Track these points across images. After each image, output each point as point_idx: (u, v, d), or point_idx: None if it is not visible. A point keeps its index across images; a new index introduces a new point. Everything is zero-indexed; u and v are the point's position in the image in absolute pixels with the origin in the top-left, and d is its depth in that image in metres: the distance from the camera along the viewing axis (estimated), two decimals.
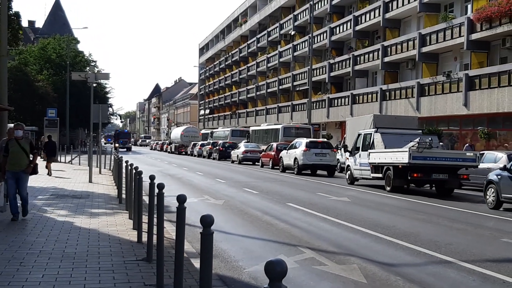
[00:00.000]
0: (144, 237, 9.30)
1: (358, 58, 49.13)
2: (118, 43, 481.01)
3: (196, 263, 8.22)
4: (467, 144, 28.23)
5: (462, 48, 36.59)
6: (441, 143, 31.10)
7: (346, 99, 50.13)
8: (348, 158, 26.53)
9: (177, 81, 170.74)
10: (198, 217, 4.81)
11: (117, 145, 77.74)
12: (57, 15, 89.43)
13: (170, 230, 10.63)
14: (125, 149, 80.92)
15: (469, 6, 37.45)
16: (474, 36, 34.69)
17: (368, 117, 31.92)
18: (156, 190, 7.21)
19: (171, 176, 27.75)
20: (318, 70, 56.58)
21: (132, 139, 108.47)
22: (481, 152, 23.62)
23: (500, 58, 34.86)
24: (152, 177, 8.42)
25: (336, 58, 53.42)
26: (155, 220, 8.48)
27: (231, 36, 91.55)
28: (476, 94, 33.99)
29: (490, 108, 32.84)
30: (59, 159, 40.68)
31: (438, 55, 40.23)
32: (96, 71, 28.39)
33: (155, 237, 8.13)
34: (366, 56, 47.83)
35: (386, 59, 44.53)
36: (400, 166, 21.31)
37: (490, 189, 17.47)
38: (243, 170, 35.92)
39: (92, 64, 67.64)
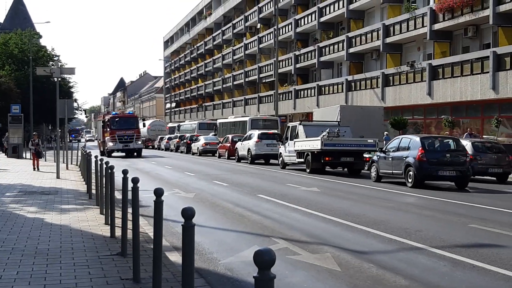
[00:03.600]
0: (117, 232, 9.28)
1: (323, 50, 49.42)
2: (81, 37, 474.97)
3: (171, 256, 8.26)
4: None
5: (425, 38, 37.10)
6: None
7: (312, 90, 50.41)
8: (280, 147, 30.80)
9: (142, 74, 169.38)
10: (169, 211, 4.86)
11: (111, 144, 43.07)
12: (18, 9, 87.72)
13: (142, 224, 10.61)
14: (124, 153, 43.97)
15: None
16: (436, 26, 35.20)
17: (335, 108, 32.26)
18: (131, 185, 7.20)
19: (139, 170, 27.60)
20: (284, 62, 56.76)
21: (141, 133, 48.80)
22: None
23: (462, 48, 35.47)
24: (125, 172, 8.41)
25: (302, 50, 53.67)
26: (128, 214, 8.49)
27: (196, 29, 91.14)
28: (439, 83, 34.53)
29: (453, 97, 33.40)
30: (24, 156, 40.17)
31: (402, 45, 40.72)
32: (60, 66, 27.82)
33: (129, 231, 8.14)
34: (331, 47, 48.13)
35: (351, 50, 44.89)
36: (315, 152, 25.75)
37: (373, 166, 22.36)
38: (208, 162, 36.26)
39: (55, 58, 66.58)
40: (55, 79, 24.11)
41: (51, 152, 41.76)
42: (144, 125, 54.66)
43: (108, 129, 43.91)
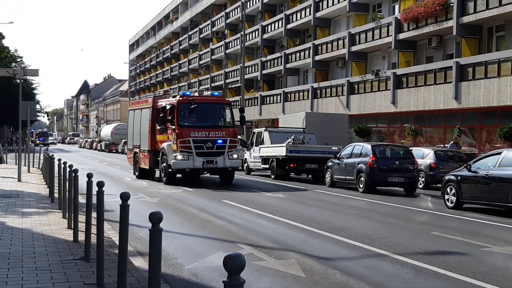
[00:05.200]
0: (80, 236, 9.16)
1: (290, 56, 49.66)
2: (44, 38, 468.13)
3: (135, 262, 8.19)
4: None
5: (390, 48, 37.57)
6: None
7: (278, 96, 50.58)
8: (245, 152, 30.20)
9: (107, 77, 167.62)
10: (134, 216, 4.83)
11: (179, 157, 22.03)
12: None
13: (106, 229, 10.47)
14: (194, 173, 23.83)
15: (397, 7, 38.49)
16: (401, 36, 35.69)
17: (300, 115, 32.42)
18: (96, 188, 7.12)
19: (103, 174, 27.30)
20: (250, 68, 56.85)
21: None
22: (410, 148, 24.41)
23: (426, 57, 35.99)
24: (89, 175, 8.29)
25: (268, 56, 53.84)
26: (92, 219, 8.38)
27: (162, 33, 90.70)
28: (403, 92, 34.99)
29: (416, 106, 33.87)
30: None
31: (367, 54, 41.16)
32: (23, 67, 27.34)
33: (92, 236, 8.04)
34: (298, 54, 48.40)
35: (317, 58, 45.20)
36: (280, 158, 26.11)
37: (328, 172, 23.28)
38: None
39: (18, 60, 65.49)
40: (18, 80, 23.74)
41: (12, 155, 40.99)
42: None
43: (173, 127, 22.57)
